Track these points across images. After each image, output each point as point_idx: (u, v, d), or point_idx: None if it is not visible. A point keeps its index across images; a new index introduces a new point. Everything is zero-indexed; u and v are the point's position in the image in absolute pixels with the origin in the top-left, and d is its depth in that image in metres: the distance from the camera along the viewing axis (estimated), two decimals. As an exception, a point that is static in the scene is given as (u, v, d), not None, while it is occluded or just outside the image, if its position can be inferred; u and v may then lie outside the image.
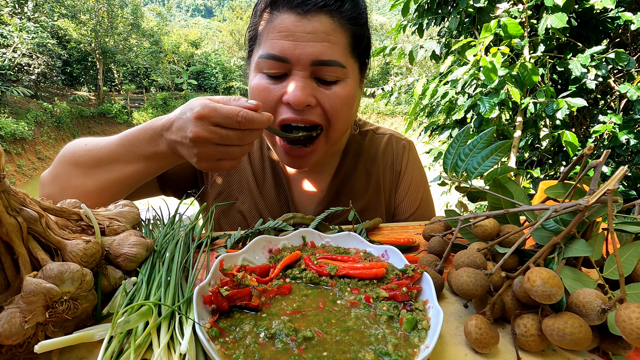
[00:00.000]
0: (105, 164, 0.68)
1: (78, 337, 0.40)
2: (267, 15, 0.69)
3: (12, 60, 13.45)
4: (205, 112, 0.54)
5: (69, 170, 0.70)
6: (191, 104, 0.57)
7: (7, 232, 0.41)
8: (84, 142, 0.71)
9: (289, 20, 0.66)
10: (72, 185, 0.70)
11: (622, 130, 2.11)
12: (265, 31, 0.69)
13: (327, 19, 0.67)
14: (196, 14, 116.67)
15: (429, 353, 0.40)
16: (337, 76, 0.69)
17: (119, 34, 20.62)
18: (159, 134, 0.63)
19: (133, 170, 0.67)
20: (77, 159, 0.70)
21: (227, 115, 0.54)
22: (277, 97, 0.70)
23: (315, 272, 0.54)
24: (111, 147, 0.68)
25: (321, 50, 0.66)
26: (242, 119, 0.54)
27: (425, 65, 16.72)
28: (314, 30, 0.66)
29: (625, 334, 0.36)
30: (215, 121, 0.55)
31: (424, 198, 0.98)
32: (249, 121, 0.55)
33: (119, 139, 0.67)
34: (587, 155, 0.51)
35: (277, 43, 0.66)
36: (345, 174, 0.92)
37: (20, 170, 10.97)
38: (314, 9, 0.65)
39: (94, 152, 0.69)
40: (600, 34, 2.31)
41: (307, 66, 0.67)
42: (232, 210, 0.90)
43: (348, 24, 0.69)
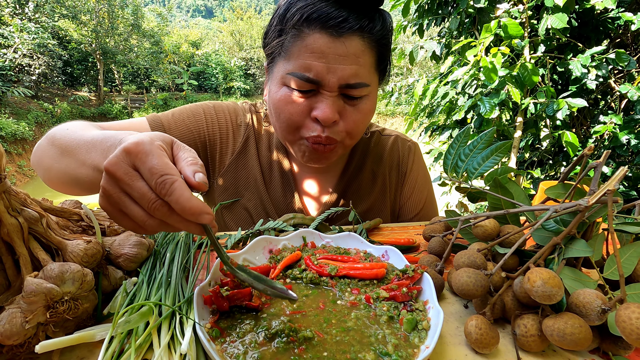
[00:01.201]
0: (67, 154, 0.62)
1: (79, 337, 0.41)
2: (296, 30, 0.68)
3: (12, 60, 13.47)
4: (136, 149, 0.40)
5: (46, 148, 0.68)
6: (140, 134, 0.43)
7: (8, 232, 0.41)
8: (67, 127, 0.68)
9: (321, 41, 0.65)
10: (43, 163, 0.68)
11: (622, 130, 2.11)
12: (296, 48, 0.68)
13: (359, 41, 0.67)
14: (196, 14, 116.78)
15: (429, 353, 0.40)
16: (362, 94, 0.71)
17: (119, 34, 20.64)
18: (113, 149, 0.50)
19: (83, 174, 0.59)
20: (54, 141, 0.66)
21: (151, 169, 0.39)
22: (305, 112, 0.71)
23: (316, 273, 0.54)
24: (78, 142, 0.60)
25: (350, 74, 0.67)
26: (161, 184, 0.38)
27: (426, 66, 16.72)
28: (346, 53, 0.66)
29: (625, 334, 0.36)
30: (138, 166, 0.40)
31: (428, 199, 0.99)
32: (166, 192, 0.38)
33: (89, 138, 0.59)
34: (587, 156, 0.51)
35: (311, 65, 0.66)
36: (352, 173, 0.93)
37: (21, 170, 10.98)
38: (348, 32, 0.65)
39: (65, 140, 0.63)
40: (600, 34, 2.31)
41: (336, 87, 0.68)
42: (238, 207, 0.90)
43: (376, 44, 0.70)
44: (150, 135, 0.42)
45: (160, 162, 0.40)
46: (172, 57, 25.24)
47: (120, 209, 0.42)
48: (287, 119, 0.72)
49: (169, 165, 0.40)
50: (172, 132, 0.83)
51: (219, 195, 0.90)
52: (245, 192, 0.90)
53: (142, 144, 0.40)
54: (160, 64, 23.70)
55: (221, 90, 27.07)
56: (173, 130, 0.83)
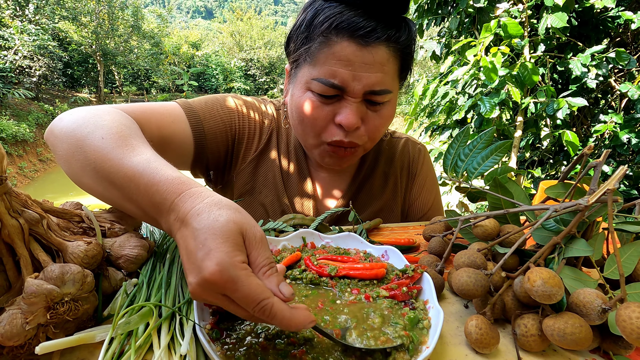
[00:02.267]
0: (105, 180, 0.52)
1: (79, 339, 0.41)
2: (324, 38, 0.69)
3: (13, 62, 13.50)
4: (220, 280, 0.36)
5: (74, 150, 0.55)
6: (211, 242, 0.38)
7: (9, 233, 0.41)
8: (100, 135, 0.54)
9: (349, 49, 0.66)
10: (72, 165, 0.56)
11: (622, 129, 2.11)
12: (323, 54, 0.69)
13: (385, 49, 0.68)
14: (196, 15, 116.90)
15: (430, 353, 0.40)
16: (384, 100, 0.73)
17: (119, 35, 20.67)
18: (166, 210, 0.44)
19: (130, 209, 0.52)
20: (84, 148, 0.54)
21: (244, 298, 0.37)
22: (329, 117, 0.72)
23: (316, 273, 0.54)
24: (117, 172, 0.50)
25: (375, 82, 0.68)
26: (261, 310, 0.37)
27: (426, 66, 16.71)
28: (372, 62, 0.67)
29: (625, 333, 0.36)
30: (227, 294, 0.38)
31: (435, 201, 1.02)
32: (269, 317, 0.37)
33: (129, 171, 0.49)
34: (587, 155, 0.51)
35: (337, 72, 0.67)
36: (365, 174, 0.95)
37: (22, 172, 10.99)
38: (375, 41, 0.67)
39: (100, 160, 0.52)
40: (600, 34, 2.31)
41: (360, 94, 0.69)
42: (255, 203, 0.91)
43: (401, 53, 0.71)
44: (224, 247, 0.37)
45: (250, 290, 0.37)
46: (172, 58, 25.26)
47: None
48: (310, 124, 0.74)
49: (259, 288, 0.37)
50: (207, 122, 0.83)
51: (238, 189, 0.91)
52: (263, 189, 0.91)
53: (224, 272, 0.36)
54: (161, 65, 23.72)
55: (221, 91, 27.07)
56: (208, 119, 0.83)
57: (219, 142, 0.86)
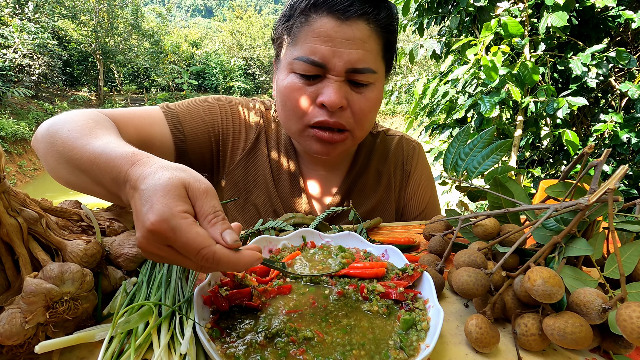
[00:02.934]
0: (74, 167, 0.56)
1: (78, 338, 0.40)
2: (304, 16, 0.69)
3: (12, 61, 13.47)
4: (161, 229, 0.38)
5: (48, 148, 0.61)
6: (153, 198, 0.39)
7: (8, 232, 0.41)
8: (68, 127, 0.60)
9: (328, 25, 0.67)
10: (48, 162, 0.62)
11: (623, 129, 2.11)
12: (302, 33, 0.69)
13: (365, 26, 0.68)
14: (196, 14, 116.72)
15: (430, 352, 0.40)
16: (368, 80, 0.72)
17: (119, 34, 20.63)
18: (122, 182, 0.46)
19: (99, 192, 0.55)
20: (55, 143, 0.60)
21: (185, 246, 0.38)
22: (312, 98, 0.72)
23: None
24: (81, 157, 0.54)
25: (357, 58, 0.68)
26: (203, 258, 0.38)
27: (426, 65, 16.69)
28: (352, 37, 0.67)
29: (626, 333, 0.36)
30: (170, 243, 0.39)
31: (431, 199, 1.01)
32: (214, 264, 0.38)
33: (91, 156, 0.52)
34: (587, 154, 0.51)
35: (317, 48, 0.67)
36: (358, 172, 0.94)
37: (21, 170, 10.99)
38: (354, 15, 0.67)
39: (68, 149, 0.57)
40: (601, 33, 2.31)
41: (343, 72, 0.69)
42: (247, 203, 0.91)
43: (382, 31, 0.71)
44: (165, 200, 0.38)
45: (190, 238, 0.38)
46: (172, 56, 25.23)
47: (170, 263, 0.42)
48: (293, 106, 0.73)
49: (199, 237, 0.38)
50: (187, 123, 0.82)
51: (228, 190, 0.91)
52: (254, 189, 0.90)
53: (165, 222, 0.37)
54: (160, 64, 23.69)
55: (221, 89, 27.04)
56: (188, 122, 0.83)
57: (201, 142, 0.85)
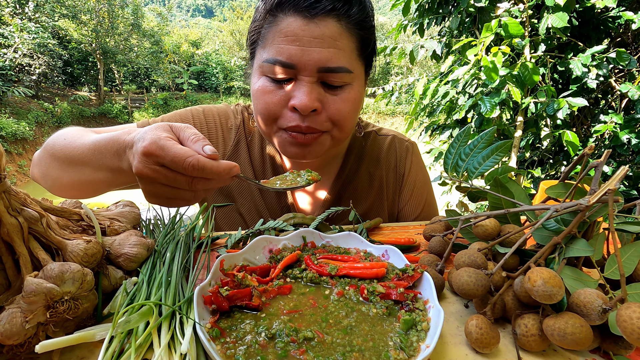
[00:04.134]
0: (76, 164, 0.65)
1: (79, 337, 0.40)
2: (271, 17, 0.66)
3: (13, 60, 13.47)
4: (152, 149, 0.47)
5: (48, 160, 0.71)
6: (145, 134, 0.50)
7: (8, 232, 0.41)
8: (64, 137, 0.70)
9: (295, 24, 0.63)
10: (50, 175, 0.71)
11: (623, 129, 2.11)
12: (270, 34, 0.66)
13: (335, 24, 0.65)
14: (197, 14, 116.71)
15: (430, 352, 0.40)
16: (343, 81, 0.68)
17: (119, 34, 20.65)
18: (122, 149, 0.56)
19: (102, 177, 0.63)
20: (55, 153, 0.69)
21: (173, 159, 0.47)
22: (283, 101, 0.68)
23: (316, 272, 0.54)
24: (82, 150, 0.64)
25: (328, 57, 0.64)
26: (190, 167, 0.47)
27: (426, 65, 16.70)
28: (321, 35, 0.64)
29: (626, 334, 0.36)
30: (161, 161, 0.48)
31: (427, 200, 0.98)
32: (198, 170, 0.47)
33: (91, 144, 0.63)
34: (588, 155, 0.51)
35: (283, 48, 0.64)
36: (348, 176, 0.91)
37: (22, 170, 10.99)
38: (321, 13, 0.63)
39: (68, 150, 0.66)
40: (601, 34, 2.31)
41: (314, 72, 0.65)
42: (232, 211, 0.89)
43: (355, 28, 0.68)
44: (154, 132, 0.49)
45: (176, 151, 0.47)
46: (172, 56, 25.24)
47: (168, 198, 0.52)
48: (264, 109, 0.70)
49: (183, 150, 0.47)
50: None
51: (214, 200, 0.89)
52: (238, 197, 0.88)
53: (154, 143, 0.48)
54: (161, 64, 23.70)
55: (221, 89, 27.05)
56: None
57: None
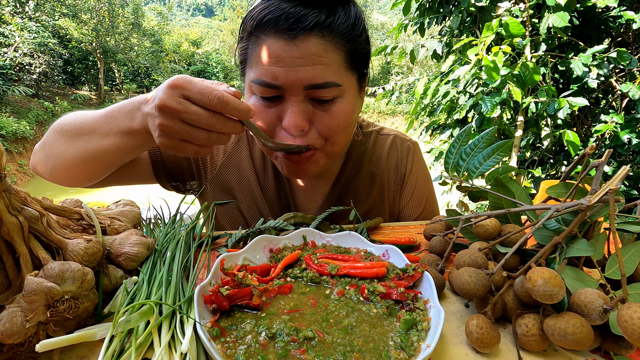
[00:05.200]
0: (85, 133, 0.66)
1: (79, 336, 0.40)
2: (254, 37, 0.65)
3: (13, 59, 13.47)
4: (179, 82, 0.51)
5: (55, 137, 0.71)
6: (170, 78, 0.54)
7: (9, 231, 0.41)
8: (75, 113, 0.71)
9: (276, 45, 0.61)
10: (54, 152, 0.70)
11: (623, 129, 2.11)
12: (255, 54, 0.65)
13: (318, 40, 0.61)
14: (197, 13, 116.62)
15: (430, 352, 0.40)
16: (333, 95, 0.66)
17: (119, 33, 20.64)
18: (137, 107, 0.59)
19: (108, 144, 0.64)
20: (63, 127, 0.69)
21: (200, 90, 0.50)
22: (273, 120, 0.67)
23: (316, 272, 0.54)
24: (94, 118, 0.66)
25: (313, 74, 0.62)
26: (216, 98, 0.50)
27: (427, 65, 16.69)
28: (304, 55, 0.61)
29: (627, 334, 0.36)
30: (187, 94, 0.51)
31: (429, 199, 0.98)
32: (223, 103, 0.50)
33: (104, 111, 0.66)
34: (588, 155, 0.50)
35: (268, 70, 0.63)
36: (349, 176, 0.90)
37: (22, 169, 10.99)
38: (302, 32, 0.60)
39: (79, 121, 0.68)
40: (602, 33, 2.30)
41: (301, 90, 0.63)
42: (232, 209, 0.89)
43: (341, 41, 0.64)
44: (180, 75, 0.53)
45: (204, 84, 0.50)
46: (172, 55, 25.24)
47: (181, 139, 0.54)
48: None
49: (210, 83, 0.51)
50: None
51: (214, 197, 0.89)
52: (239, 194, 0.88)
53: (182, 77, 0.52)
54: (161, 63, 23.70)
55: (222, 89, 26.98)
56: None
57: (180, 158, 0.86)
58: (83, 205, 0.57)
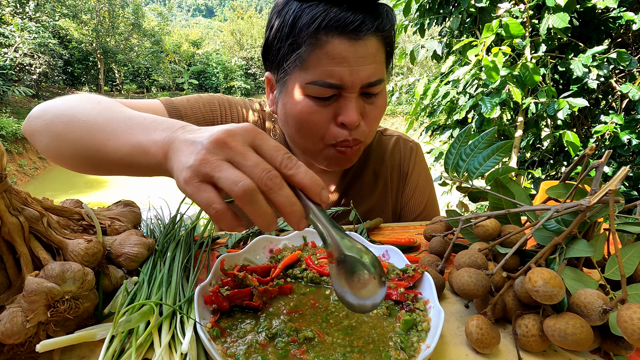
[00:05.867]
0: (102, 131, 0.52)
1: (79, 337, 0.41)
2: (313, 39, 0.66)
3: (13, 60, 13.48)
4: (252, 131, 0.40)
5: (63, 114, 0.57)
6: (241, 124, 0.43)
7: (9, 231, 0.41)
8: (97, 100, 0.60)
9: (342, 47, 0.65)
10: (54, 128, 0.57)
11: (623, 130, 2.11)
12: (315, 56, 0.66)
13: (375, 40, 0.67)
14: (197, 13, 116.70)
15: (430, 353, 0.40)
16: (379, 90, 0.72)
17: (120, 33, 20.67)
18: (169, 128, 0.47)
19: (117, 147, 0.50)
20: (76, 116, 0.56)
21: (275, 146, 0.40)
22: (329, 118, 0.71)
23: (316, 272, 0.54)
24: (116, 118, 0.53)
25: (371, 73, 0.68)
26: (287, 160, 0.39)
27: (427, 65, 16.69)
28: (366, 54, 0.66)
29: (626, 334, 0.36)
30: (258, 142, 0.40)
31: (429, 200, 1.00)
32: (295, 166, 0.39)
33: (128, 112, 0.54)
34: (588, 156, 0.51)
35: (332, 70, 0.66)
36: (354, 174, 0.93)
37: (22, 169, 10.99)
38: (365, 34, 0.66)
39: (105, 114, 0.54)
40: (602, 34, 2.31)
41: (358, 88, 0.68)
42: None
43: (385, 40, 0.71)
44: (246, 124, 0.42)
45: (279, 144, 0.41)
46: (172, 56, 25.26)
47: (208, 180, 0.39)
48: (311, 130, 0.72)
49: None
50: (189, 119, 0.81)
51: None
52: None
53: (254, 128, 0.41)
54: (161, 63, 23.73)
55: (222, 89, 27.05)
56: (190, 117, 0.82)
57: None
58: (83, 205, 0.57)
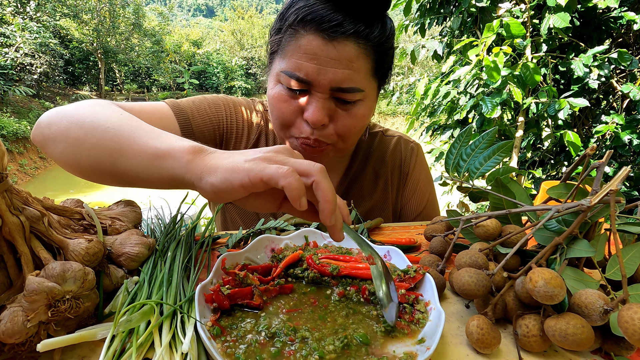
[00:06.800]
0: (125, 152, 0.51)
1: (80, 336, 0.41)
2: (293, 30, 0.68)
3: (14, 59, 13.49)
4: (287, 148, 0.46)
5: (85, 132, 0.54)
6: None
7: (10, 231, 0.41)
8: (121, 113, 0.58)
9: (315, 43, 0.65)
10: (71, 135, 0.55)
11: (624, 130, 2.11)
12: (290, 47, 0.68)
13: (353, 46, 0.66)
14: (198, 13, 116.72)
15: (431, 353, 0.40)
16: (355, 99, 0.70)
17: (120, 33, 20.69)
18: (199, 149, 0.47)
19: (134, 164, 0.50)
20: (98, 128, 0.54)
21: (309, 163, 0.43)
22: (296, 111, 0.71)
23: (317, 272, 0.54)
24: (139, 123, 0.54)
25: (342, 78, 0.66)
26: (322, 173, 0.42)
27: (427, 65, 16.68)
28: (338, 57, 0.65)
29: (627, 334, 0.35)
30: (290, 154, 0.45)
31: (429, 200, 1.00)
32: (322, 173, 0.42)
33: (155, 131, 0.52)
34: (589, 156, 0.50)
35: (301, 65, 0.66)
36: (354, 174, 0.93)
37: (23, 169, 11.00)
38: (341, 35, 0.65)
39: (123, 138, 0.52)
40: (602, 34, 2.30)
41: (327, 89, 0.67)
42: (236, 206, 0.90)
43: (373, 50, 0.69)
44: None
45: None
46: (173, 56, 25.27)
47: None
48: (279, 116, 0.73)
49: None
50: (195, 120, 0.82)
51: None
52: None
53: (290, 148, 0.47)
54: (162, 63, 23.74)
55: (222, 89, 27.06)
56: (196, 118, 0.82)
57: (208, 141, 0.85)
58: (84, 205, 0.57)
